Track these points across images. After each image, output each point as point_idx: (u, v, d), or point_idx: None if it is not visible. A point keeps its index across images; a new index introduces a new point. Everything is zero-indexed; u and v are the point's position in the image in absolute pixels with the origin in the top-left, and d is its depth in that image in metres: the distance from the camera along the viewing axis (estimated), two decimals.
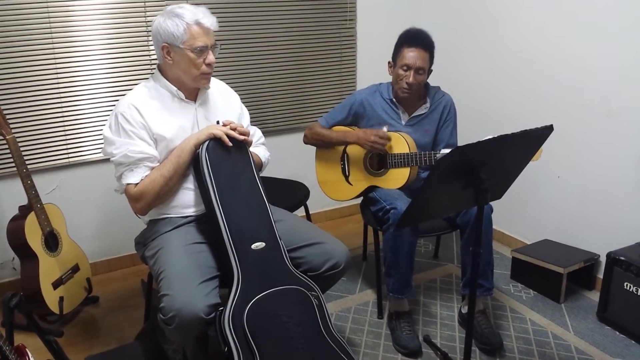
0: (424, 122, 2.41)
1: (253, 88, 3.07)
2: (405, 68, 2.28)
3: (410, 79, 2.27)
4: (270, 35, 3.04)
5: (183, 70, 1.81)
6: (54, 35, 2.52)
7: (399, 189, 2.34)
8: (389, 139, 2.31)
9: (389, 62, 2.39)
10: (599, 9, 2.40)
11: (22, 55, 2.48)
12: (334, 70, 3.31)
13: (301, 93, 3.24)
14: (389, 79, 2.42)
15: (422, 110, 2.41)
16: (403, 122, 2.42)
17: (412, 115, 2.41)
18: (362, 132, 2.37)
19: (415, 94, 2.36)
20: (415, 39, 2.29)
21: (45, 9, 2.47)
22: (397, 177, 2.35)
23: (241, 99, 2.13)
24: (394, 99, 2.41)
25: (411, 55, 2.26)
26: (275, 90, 3.15)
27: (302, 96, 3.25)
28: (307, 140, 2.57)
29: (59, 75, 2.57)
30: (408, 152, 2.29)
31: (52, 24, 2.50)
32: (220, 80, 2.10)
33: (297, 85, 3.21)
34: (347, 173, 2.50)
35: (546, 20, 2.65)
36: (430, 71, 2.34)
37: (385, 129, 2.32)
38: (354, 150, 2.46)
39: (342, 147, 2.49)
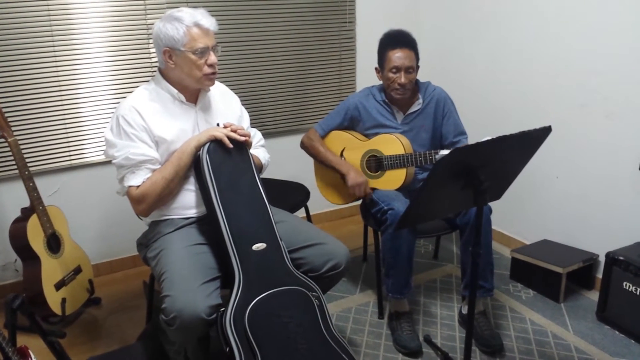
0: (419, 118, 2.42)
1: (253, 90, 3.09)
2: (394, 70, 2.29)
3: (402, 80, 2.28)
4: (270, 37, 3.05)
5: (186, 73, 1.82)
6: (55, 38, 2.53)
7: (397, 189, 2.35)
8: (369, 194, 2.36)
9: (376, 68, 2.41)
10: (598, 9, 2.41)
11: (24, 57, 2.49)
12: (333, 72, 3.32)
13: (301, 95, 3.25)
14: None
15: (416, 106, 2.41)
16: (399, 122, 2.43)
17: (407, 113, 2.42)
18: (353, 171, 2.38)
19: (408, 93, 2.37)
20: (398, 39, 2.31)
21: (46, 12, 2.49)
22: (394, 179, 2.36)
23: (241, 101, 2.14)
24: (386, 100, 2.42)
25: (397, 56, 2.28)
26: (275, 92, 3.16)
27: (302, 98, 3.26)
28: (303, 148, 2.58)
29: (61, 78, 2.59)
30: (403, 153, 2.31)
31: (53, 27, 2.52)
32: (221, 82, 2.11)
33: (297, 88, 3.23)
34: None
35: (546, 20, 2.66)
36: (417, 67, 2.35)
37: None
38: (351, 155, 2.47)
39: (340, 151, 2.50)
